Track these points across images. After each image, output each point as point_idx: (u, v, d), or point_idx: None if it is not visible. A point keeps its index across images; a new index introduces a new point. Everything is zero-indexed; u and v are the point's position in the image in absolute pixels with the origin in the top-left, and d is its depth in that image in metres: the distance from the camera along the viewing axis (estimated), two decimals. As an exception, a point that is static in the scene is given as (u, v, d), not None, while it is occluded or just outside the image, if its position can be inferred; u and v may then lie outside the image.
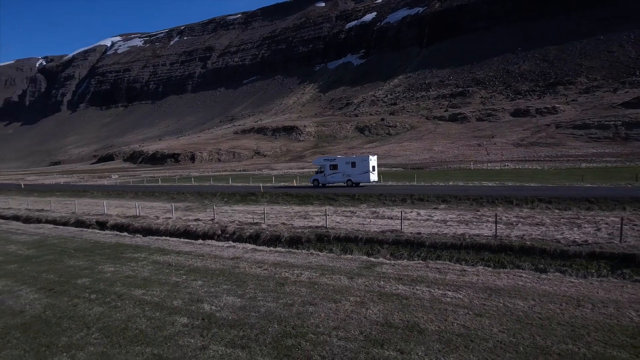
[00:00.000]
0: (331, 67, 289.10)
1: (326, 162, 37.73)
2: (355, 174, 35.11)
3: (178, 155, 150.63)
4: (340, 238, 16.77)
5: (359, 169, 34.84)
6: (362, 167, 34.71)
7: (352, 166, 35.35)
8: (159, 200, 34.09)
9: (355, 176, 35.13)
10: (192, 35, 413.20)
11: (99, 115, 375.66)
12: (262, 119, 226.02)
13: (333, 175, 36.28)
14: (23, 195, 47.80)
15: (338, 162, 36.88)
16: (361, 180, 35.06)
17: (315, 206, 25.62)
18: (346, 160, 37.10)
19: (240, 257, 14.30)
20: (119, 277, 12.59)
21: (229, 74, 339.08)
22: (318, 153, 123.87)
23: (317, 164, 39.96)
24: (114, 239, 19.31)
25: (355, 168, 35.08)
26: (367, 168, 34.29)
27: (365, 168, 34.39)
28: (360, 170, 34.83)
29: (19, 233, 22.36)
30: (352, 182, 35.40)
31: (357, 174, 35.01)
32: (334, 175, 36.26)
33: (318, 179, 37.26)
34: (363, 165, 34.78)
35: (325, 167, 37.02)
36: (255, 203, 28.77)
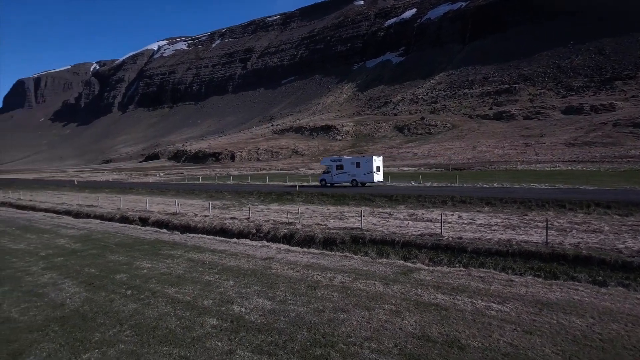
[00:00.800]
0: (369, 65, 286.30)
1: (333, 163, 38.71)
2: (360, 174, 35.76)
3: (219, 154, 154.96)
4: (376, 241, 16.16)
5: (364, 169, 35.45)
6: (366, 167, 35.27)
7: (357, 166, 35.96)
8: (198, 198, 34.89)
9: (360, 176, 35.79)
10: (233, 37, 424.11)
11: (146, 115, 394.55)
12: (300, 118, 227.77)
13: (339, 175, 37.21)
14: (76, 191, 50.79)
15: (344, 162, 37.79)
16: (365, 180, 35.63)
17: (351, 207, 25.08)
18: (351, 160, 37.75)
19: (272, 258, 14.09)
20: (155, 274, 12.74)
21: (268, 75, 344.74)
22: (356, 152, 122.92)
23: (325, 164, 40.74)
24: (154, 235, 19.80)
25: (360, 168, 35.70)
26: (370, 168, 34.88)
27: (369, 168, 34.96)
28: (364, 170, 35.39)
29: (69, 227, 23.52)
30: (357, 181, 36.05)
31: (362, 174, 35.63)
32: (340, 175, 37.18)
33: (325, 179, 38.33)
34: (367, 165, 35.32)
35: (332, 167, 37.96)
36: (290, 202, 28.66)
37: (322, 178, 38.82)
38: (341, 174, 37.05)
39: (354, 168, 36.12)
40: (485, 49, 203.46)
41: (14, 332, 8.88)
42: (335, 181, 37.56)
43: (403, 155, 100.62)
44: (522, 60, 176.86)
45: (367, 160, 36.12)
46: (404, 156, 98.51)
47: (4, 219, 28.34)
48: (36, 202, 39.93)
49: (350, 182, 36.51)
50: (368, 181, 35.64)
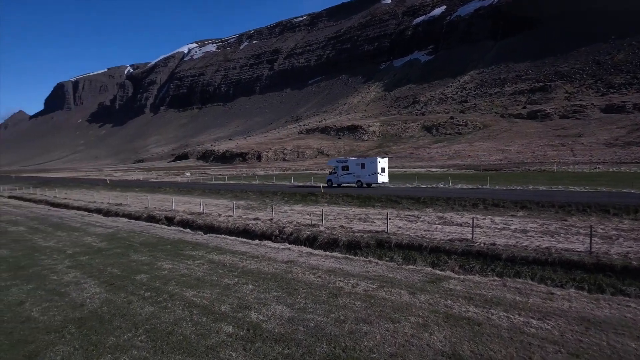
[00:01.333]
0: (397, 64, 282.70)
1: (339, 164, 39.41)
2: (365, 175, 36.28)
3: (246, 154, 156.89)
4: (403, 245, 15.43)
5: (368, 170, 35.97)
6: (371, 168, 35.77)
7: (362, 167, 36.57)
8: (223, 198, 35.03)
9: (364, 177, 36.31)
10: (260, 39, 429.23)
11: (176, 116, 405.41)
12: (326, 118, 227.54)
13: (344, 175, 37.95)
14: (108, 190, 52.34)
15: (349, 163, 38.42)
16: (369, 181, 36.11)
17: (376, 209, 24.34)
18: (356, 162, 38.16)
19: (294, 261, 13.64)
20: (175, 275, 12.56)
21: (295, 75, 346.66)
22: (382, 153, 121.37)
23: (331, 164, 41.47)
24: (177, 235, 19.80)
25: (365, 169, 36.28)
26: (375, 170, 35.38)
27: (374, 170, 35.46)
28: (369, 171, 35.92)
29: (97, 225, 23.98)
30: (361, 182, 36.64)
31: (366, 175, 36.14)
32: (345, 176, 37.91)
33: (331, 179, 39.09)
34: (371, 167, 35.80)
35: (338, 168, 38.76)
36: (314, 203, 28.21)
37: (329, 179, 39.54)
38: (347, 175, 37.77)
39: (359, 169, 36.73)
40: (518, 46, 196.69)
41: (32, 332, 8.81)
42: (341, 182, 38.22)
43: (431, 155, 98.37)
44: (558, 56, 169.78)
45: (371, 162, 36.51)
46: (432, 157, 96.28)
47: (39, 217, 29.33)
48: (70, 200, 41.33)
49: (355, 183, 37.05)
50: (372, 182, 35.97)
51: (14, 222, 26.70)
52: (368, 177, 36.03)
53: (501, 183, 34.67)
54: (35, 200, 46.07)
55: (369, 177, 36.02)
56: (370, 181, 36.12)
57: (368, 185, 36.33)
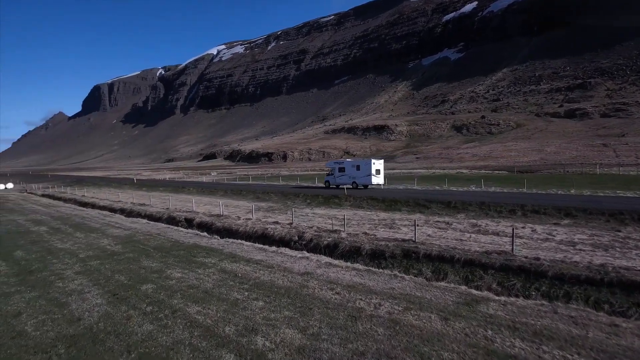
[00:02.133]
0: (426, 63, 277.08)
1: (336, 165, 40.08)
2: (360, 177, 36.87)
3: (271, 154, 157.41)
4: (432, 256, 13.94)
5: (363, 172, 36.48)
6: (365, 170, 36.27)
7: (357, 169, 37.14)
8: (244, 199, 34.33)
9: (359, 178, 36.91)
10: (288, 40, 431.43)
11: (205, 117, 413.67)
12: (352, 118, 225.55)
13: (341, 177, 38.73)
14: (134, 189, 52.98)
15: (345, 165, 38.95)
16: (364, 182, 36.68)
17: (403, 213, 22.81)
18: (352, 163, 38.60)
19: (311, 273, 12.45)
20: (182, 287, 11.63)
21: (321, 75, 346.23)
22: (410, 153, 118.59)
23: (329, 166, 42.07)
24: (193, 239, 19.04)
25: (360, 171, 36.80)
26: (369, 171, 35.81)
27: (368, 171, 35.93)
28: (363, 173, 36.44)
29: (117, 227, 23.66)
30: (356, 184, 37.34)
31: (361, 176, 36.69)
32: (341, 177, 38.67)
33: (329, 180, 40.11)
34: (366, 168, 36.26)
35: (335, 170, 39.59)
36: (337, 206, 26.94)
37: (327, 179, 40.60)
38: (343, 176, 38.55)
39: (355, 171, 37.40)
40: (554, 41, 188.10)
41: (20, 351, 8.03)
42: (338, 182, 39.06)
43: (461, 156, 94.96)
44: (599, 52, 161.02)
45: (365, 164, 36.93)
46: (462, 157, 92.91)
47: (63, 216, 29.52)
48: (96, 199, 41.86)
49: (351, 184, 37.81)
50: (366, 183, 36.62)
51: (38, 221, 26.88)
52: (362, 178, 36.58)
53: (539, 186, 32.25)
54: (65, 198, 47.08)
55: (363, 179, 36.56)
56: (364, 182, 36.67)
57: (365, 187, 36.82)
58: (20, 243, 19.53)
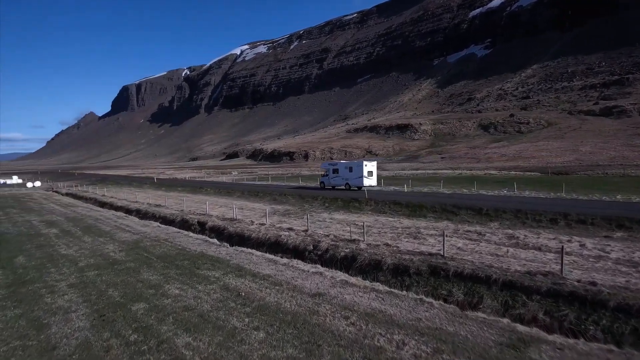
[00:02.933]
0: (451, 60, 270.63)
1: (330, 167, 40.24)
2: (352, 178, 37.08)
3: (293, 153, 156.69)
4: (464, 275, 12.08)
5: (355, 173, 36.69)
6: (357, 171, 36.42)
7: (350, 171, 37.40)
8: (261, 201, 33.07)
9: (352, 180, 37.13)
10: (310, 39, 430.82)
11: (229, 116, 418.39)
12: (375, 117, 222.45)
13: (335, 178, 38.99)
14: (153, 188, 52.78)
15: (339, 166, 39.14)
16: (356, 184, 36.77)
17: (429, 221, 20.89)
18: (345, 165, 38.78)
19: (324, 295, 10.84)
20: (177, 308, 10.26)
21: (344, 74, 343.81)
22: (434, 153, 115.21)
23: (324, 167, 42.18)
24: (201, 246, 17.78)
25: (352, 172, 37.06)
26: (361, 173, 35.96)
27: (360, 173, 36.08)
28: (355, 174, 36.61)
29: (126, 230, 22.76)
30: (349, 185, 37.60)
31: (354, 178, 36.89)
32: (335, 178, 38.93)
33: (324, 182, 40.54)
34: (358, 170, 36.45)
35: (329, 171, 39.83)
36: (357, 211, 25.22)
37: (322, 180, 41.08)
38: (336, 178, 38.82)
39: (347, 172, 37.62)
40: (588, 36, 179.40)
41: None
42: (332, 184, 39.37)
43: (489, 156, 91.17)
44: (636, 46, 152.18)
45: (358, 165, 37.04)
46: (490, 157, 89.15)
47: (77, 217, 29.03)
48: (115, 199, 41.62)
49: (344, 186, 38.12)
50: (359, 185, 36.53)
51: (51, 223, 26.40)
52: (355, 179, 36.76)
53: (579, 191, 29.54)
54: (86, 197, 47.25)
55: (355, 180, 36.74)
56: (357, 184, 36.72)
57: (358, 188, 36.64)
58: (25, 247, 18.80)
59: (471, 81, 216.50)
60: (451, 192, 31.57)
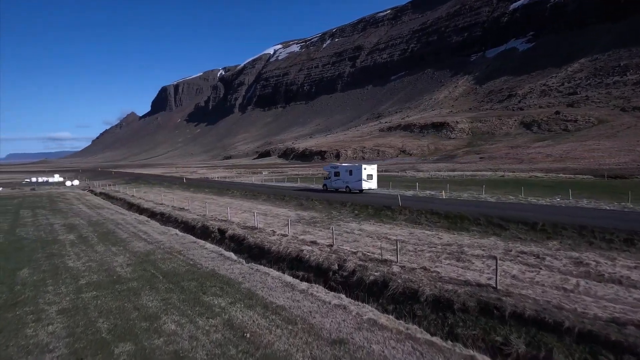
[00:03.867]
0: (490, 55, 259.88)
1: (332, 169, 40.30)
2: (352, 181, 37.07)
3: (324, 152, 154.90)
4: (525, 318, 9.56)
5: (355, 176, 36.68)
6: (357, 175, 36.41)
7: (350, 174, 37.35)
8: (286, 207, 31.27)
9: (352, 183, 37.12)
10: (343, 37, 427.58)
11: (262, 115, 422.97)
12: (409, 115, 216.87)
13: (336, 181, 39.07)
14: (181, 189, 52.42)
15: (340, 169, 39.25)
16: (356, 187, 36.77)
17: (472, 236, 18.19)
18: (346, 168, 38.67)
19: (346, 342, 8.69)
20: (167, 352, 8.46)
21: (377, 71, 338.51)
22: (472, 153, 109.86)
23: (326, 170, 42.27)
24: (214, 262, 16.07)
25: (352, 176, 37.02)
26: (360, 176, 35.99)
27: (359, 176, 36.12)
28: (355, 178, 36.62)
29: (142, 238, 21.56)
30: (349, 188, 37.49)
31: (353, 181, 36.90)
32: (337, 181, 39.02)
33: (326, 184, 40.79)
34: (357, 173, 36.42)
35: (331, 174, 39.97)
36: (390, 221, 22.80)
37: (324, 183, 41.47)
38: (338, 180, 38.92)
39: (348, 175, 37.62)
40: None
41: None
42: (334, 186, 39.43)
43: (532, 156, 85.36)
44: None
45: (357, 169, 36.93)
46: (534, 158, 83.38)
47: (100, 221, 28.37)
48: (142, 200, 41.26)
49: (344, 188, 38.05)
50: (358, 188, 36.63)
51: (72, 227, 25.76)
52: (354, 183, 36.80)
53: (648, 199, 25.63)
54: (116, 198, 47.43)
55: (355, 183, 36.76)
56: (356, 187, 36.76)
57: (360, 191, 36.81)
58: (36, 257, 17.85)
59: (512, 77, 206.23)
60: (495, 200, 28.43)
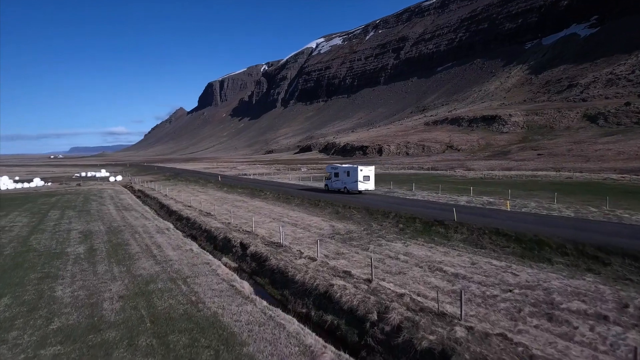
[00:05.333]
0: (547, 42, 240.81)
1: (332, 170, 40.45)
2: (349, 182, 37.13)
3: (366, 147, 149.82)
4: None
5: (352, 178, 36.78)
6: (354, 176, 36.47)
7: (347, 175, 37.46)
8: (320, 215, 27.73)
9: (349, 184, 37.16)
10: (387, 28, 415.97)
11: (304, 110, 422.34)
12: (456, 108, 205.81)
13: (336, 182, 39.18)
14: (215, 188, 50.49)
15: (339, 170, 39.26)
16: (352, 188, 36.77)
17: (559, 272, 13.62)
18: (344, 169, 38.65)
19: None
20: None
21: (422, 63, 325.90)
22: (528, 149, 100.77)
23: (327, 171, 42.24)
24: (221, 300, 12.83)
25: (349, 177, 37.14)
26: (356, 178, 36.05)
27: (355, 178, 36.20)
28: (352, 179, 36.73)
29: (153, 255, 18.92)
30: (347, 189, 37.57)
31: (350, 182, 36.97)
32: (336, 182, 39.10)
33: (327, 185, 40.93)
34: (354, 175, 36.46)
35: (332, 175, 40.08)
36: (444, 241, 18.55)
37: (326, 183, 41.62)
38: (337, 181, 38.98)
39: (346, 176, 37.74)
40: None
41: None
42: (334, 187, 39.48)
43: (600, 153, 75.93)
44: None
45: (354, 170, 36.90)
46: (602, 155, 74.06)
47: (119, 227, 26.33)
48: (172, 201, 39.50)
49: (342, 189, 38.12)
50: (354, 189, 36.62)
51: (87, 235, 23.83)
52: (351, 184, 36.85)
53: None
54: (151, 197, 46.31)
55: (351, 184, 36.80)
56: (353, 188, 36.73)
57: (359, 192, 36.83)
58: (28, 278, 15.59)
59: (572, 65, 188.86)
60: (574, 213, 23.14)
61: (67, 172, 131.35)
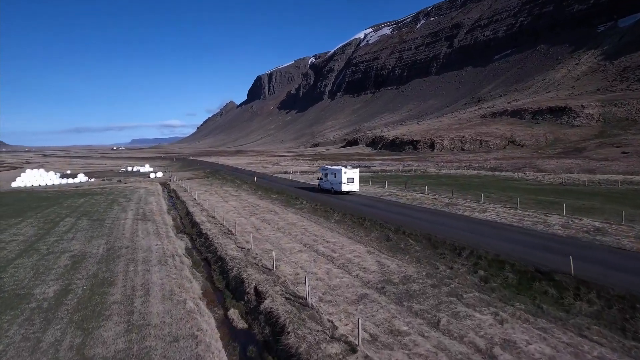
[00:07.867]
0: (624, 24, 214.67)
1: (323, 171, 41.34)
2: (335, 183, 38.54)
3: (417, 142, 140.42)
4: None
5: (337, 179, 38.20)
6: (339, 177, 37.96)
7: (334, 176, 38.82)
8: (364, 240, 21.55)
9: (335, 185, 38.53)
10: (439, 15, 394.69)
11: (351, 102, 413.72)
12: (517, 99, 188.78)
13: (325, 182, 40.49)
14: (249, 192, 45.79)
15: (329, 171, 40.30)
16: (337, 189, 38.05)
17: None
18: (332, 170, 39.83)
19: None
20: None
21: (478, 51, 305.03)
22: (608, 145, 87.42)
23: (320, 171, 43.01)
24: None
25: (335, 178, 38.58)
26: (340, 179, 37.58)
27: (340, 179, 37.70)
28: (337, 180, 38.14)
29: (130, 312, 13.86)
30: (334, 189, 38.82)
31: (336, 183, 38.37)
32: (325, 182, 40.44)
33: (320, 184, 41.86)
34: (339, 176, 37.93)
35: (323, 175, 41.09)
36: (559, 313, 11.72)
37: (319, 183, 42.46)
38: (326, 182, 40.18)
39: (333, 177, 38.87)
40: None
41: None
42: (323, 187, 40.87)
43: None
44: None
45: (338, 172, 38.13)
46: None
47: (120, 248, 21.86)
48: (198, 207, 35.13)
49: (331, 189, 39.17)
50: (338, 190, 37.69)
51: (75, 263, 19.49)
52: (336, 185, 38.08)
53: None
54: (180, 199, 42.65)
55: (337, 185, 38.06)
56: (337, 189, 37.91)
57: (346, 193, 37.86)
58: None
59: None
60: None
61: (117, 165, 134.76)
